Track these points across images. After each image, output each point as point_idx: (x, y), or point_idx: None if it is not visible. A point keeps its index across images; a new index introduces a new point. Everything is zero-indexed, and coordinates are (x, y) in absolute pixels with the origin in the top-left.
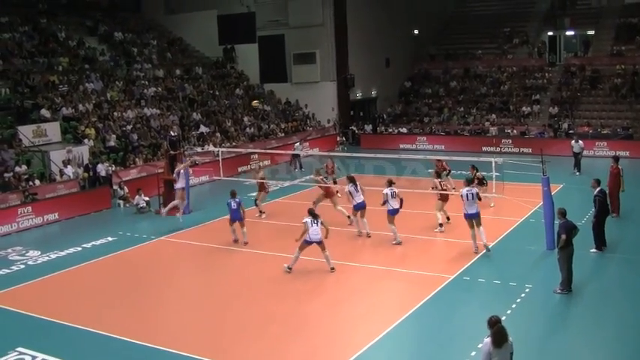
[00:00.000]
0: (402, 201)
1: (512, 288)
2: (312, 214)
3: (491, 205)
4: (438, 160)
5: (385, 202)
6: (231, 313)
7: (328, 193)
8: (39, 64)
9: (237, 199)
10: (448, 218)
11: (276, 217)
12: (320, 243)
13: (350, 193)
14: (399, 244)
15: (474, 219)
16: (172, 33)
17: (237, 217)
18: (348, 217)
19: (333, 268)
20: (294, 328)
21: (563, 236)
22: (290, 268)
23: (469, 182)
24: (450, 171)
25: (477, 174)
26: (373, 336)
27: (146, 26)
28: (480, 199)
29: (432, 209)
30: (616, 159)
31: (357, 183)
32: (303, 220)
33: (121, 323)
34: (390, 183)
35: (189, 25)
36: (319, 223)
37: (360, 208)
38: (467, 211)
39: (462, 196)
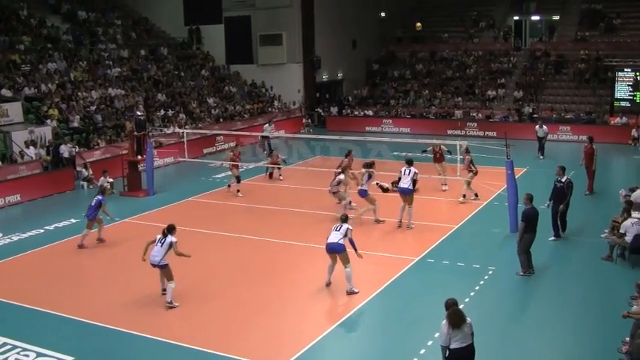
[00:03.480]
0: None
1: (475, 270)
2: (168, 229)
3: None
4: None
5: None
6: (196, 296)
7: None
8: None
9: (98, 197)
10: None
11: (240, 199)
12: (157, 267)
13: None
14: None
15: (405, 194)
16: (137, 13)
17: (89, 214)
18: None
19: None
20: (261, 309)
21: (522, 224)
22: None
23: (410, 163)
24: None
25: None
26: (336, 318)
27: (110, 5)
28: (415, 183)
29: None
30: (590, 139)
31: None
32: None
33: (84, 306)
34: None
35: (154, 5)
36: (165, 244)
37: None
38: (399, 185)
39: (400, 171)
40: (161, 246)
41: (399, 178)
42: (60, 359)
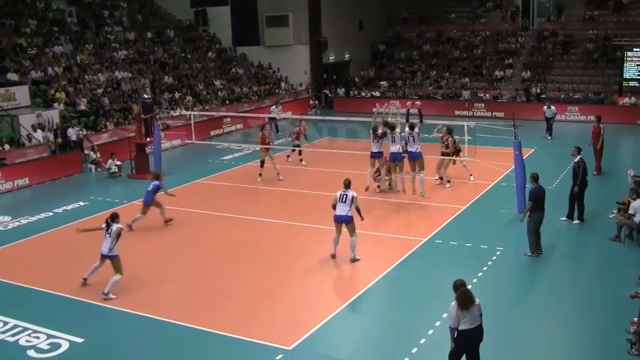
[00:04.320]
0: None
1: (483, 251)
2: (111, 218)
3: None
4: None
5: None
6: (205, 277)
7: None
8: (5, 26)
9: (155, 182)
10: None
11: (248, 180)
12: (107, 258)
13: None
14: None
15: (416, 159)
16: None
17: (146, 200)
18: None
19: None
20: (268, 290)
21: (529, 203)
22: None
23: (412, 127)
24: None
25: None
26: (345, 299)
27: None
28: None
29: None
30: (599, 119)
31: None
32: None
33: (93, 288)
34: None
35: None
36: (112, 234)
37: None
38: (409, 150)
39: (405, 141)
40: (109, 236)
41: (405, 143)
42: (70, 341)
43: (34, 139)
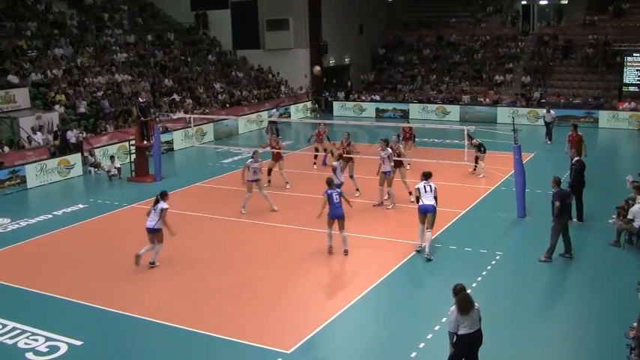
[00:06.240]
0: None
1: (482, 255)
2: (161, 196)
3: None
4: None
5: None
6: (205, 280)
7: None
8: (6, 28)
9: (338, 190)
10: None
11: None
12: (152, 231)
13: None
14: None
15: (427, 213)
16: None
17: (336, 213)
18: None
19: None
20: (267, 294)
21: (557, 204)
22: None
23: (427, 176)
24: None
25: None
26: (344, 303)
27: None
28: (436, 198)
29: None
30: (575, 126)
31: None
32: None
33: (92, 291)
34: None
35: None
36: (157, 210)
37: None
38: (422, 202)
39: (417, 189)
40: (154, 212)
41: (417, 197)
42: (69, 344)
43: (33, 141)
